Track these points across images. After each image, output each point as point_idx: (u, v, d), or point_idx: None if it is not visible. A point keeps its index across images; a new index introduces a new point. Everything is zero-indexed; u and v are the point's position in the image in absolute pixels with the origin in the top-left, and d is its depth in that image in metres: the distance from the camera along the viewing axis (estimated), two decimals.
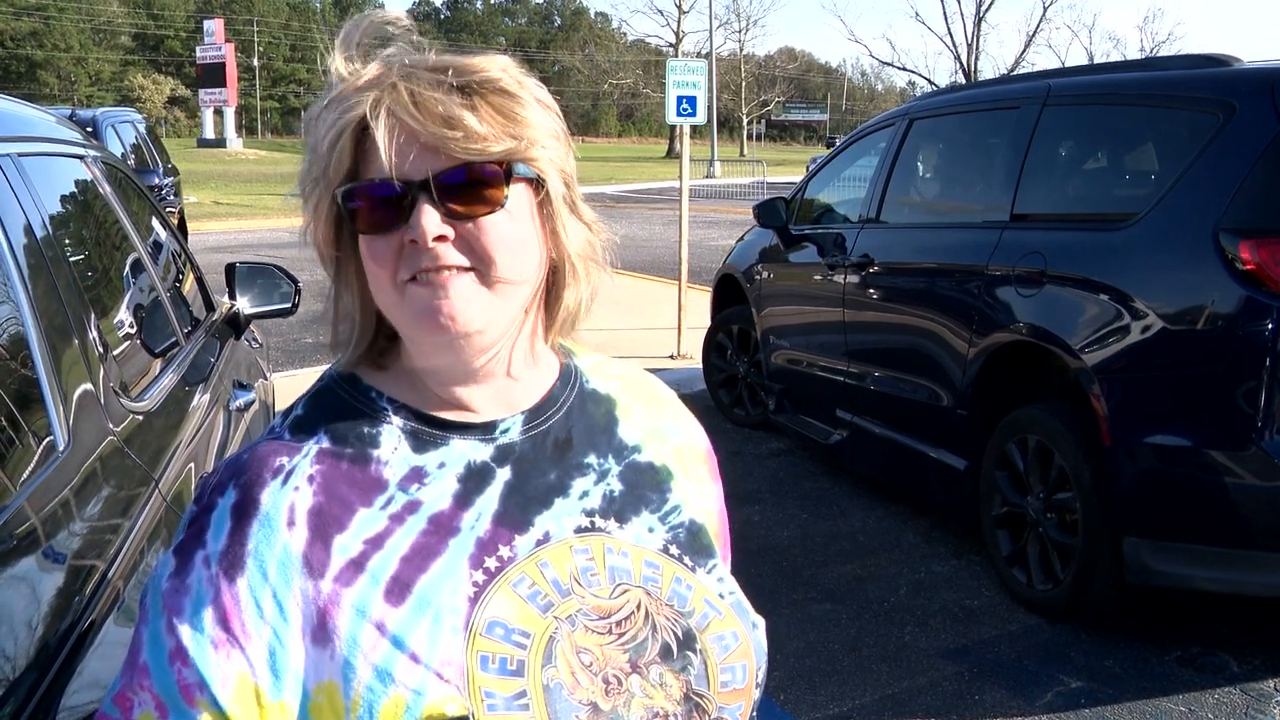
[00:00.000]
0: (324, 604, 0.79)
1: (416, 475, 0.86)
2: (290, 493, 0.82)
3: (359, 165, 0.81)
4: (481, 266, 0.82)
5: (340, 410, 0.87)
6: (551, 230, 0.86)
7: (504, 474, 0.88)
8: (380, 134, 0.79)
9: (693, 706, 0.87)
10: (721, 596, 0.94)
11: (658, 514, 0.95)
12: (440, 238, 0.80)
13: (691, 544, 0.95)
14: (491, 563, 0.84)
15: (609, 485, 0.93)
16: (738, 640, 0.92)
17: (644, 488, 0.95)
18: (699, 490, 1.00)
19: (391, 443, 0.86)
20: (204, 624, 0.78)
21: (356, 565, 0.81)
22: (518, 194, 0.83)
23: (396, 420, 0.87)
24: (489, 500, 0.87)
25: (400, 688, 0.78)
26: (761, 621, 0.96)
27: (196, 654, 0.77)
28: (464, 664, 0.79)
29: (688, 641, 0.88)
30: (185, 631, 0.78)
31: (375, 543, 0.82)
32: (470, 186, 0.80)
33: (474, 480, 0.87)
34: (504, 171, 0.81)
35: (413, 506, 0.84)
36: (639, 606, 0.88)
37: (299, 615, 0.79)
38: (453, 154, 0.80)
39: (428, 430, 0.87)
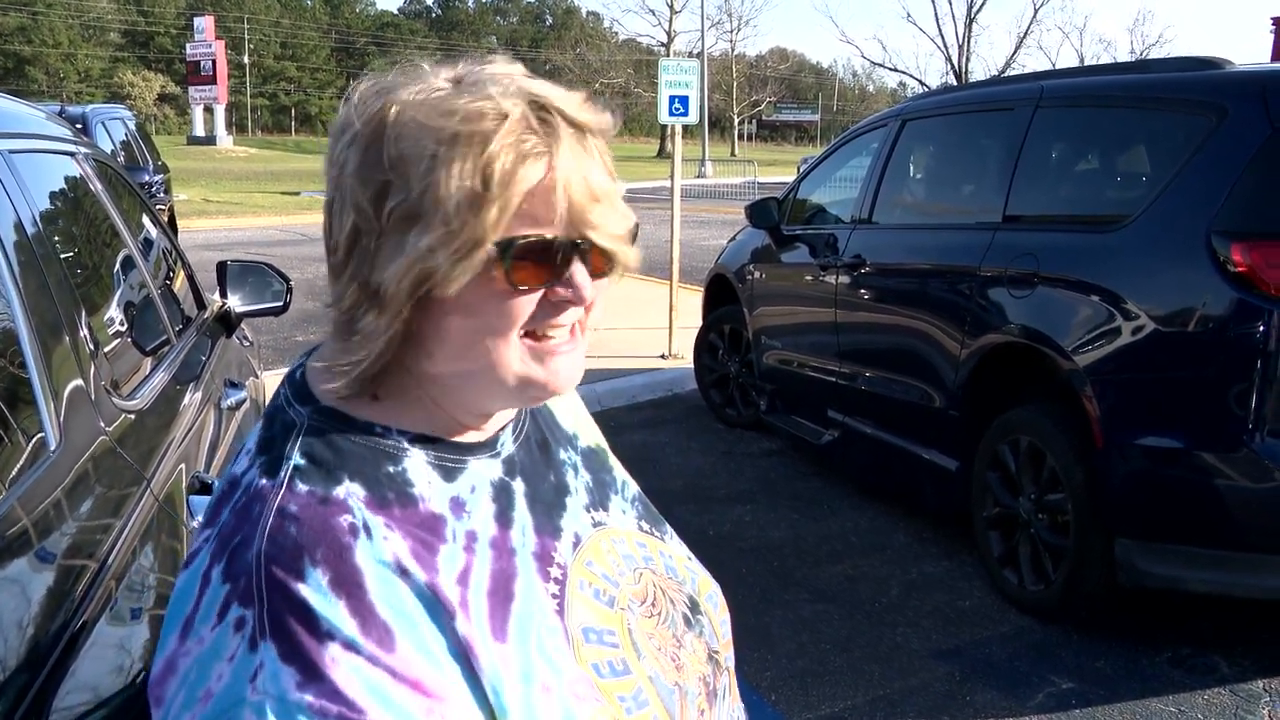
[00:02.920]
0: (465, 643, 0.75)
1: (458, 505, 0.81)
2: (382, 543, 0.74)
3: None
4: (583, 320, 0.82)
5: (349, 452, 0.79)
6: None
7: (519, 486, 0.87)
8: (560, 189, 0.75)
9: (714, 664, 0.92)
10: (690, 559, 0.99)
11: (619, 494, 0.98)
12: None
13: (649, 515, 1.00)
14: (555, 572, 0.84)
15: (583, 477, 0.95)
16: (718, 595, 0.98)
17: (600, 472, 0.98)
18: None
19: (423, 476, 0.80)
20: (399, 703, 0.70)
21: (463, 607, 0.76)
22: None
23: (416, 452, 0.81)
24: (522, 514, 0.85)
25: None
26: None
27: None
28: (585, 675, 0.78)
29: (694, 607, 0.93)
30: None
31: (463, 582, 0.77)
32: (613, 253, 0.80)
33: (503, 499, 0.85)
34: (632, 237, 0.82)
35: (472, 536, 0.80)
36: (654, 586, 0.91)
37: (457, 651, 0.74)
38: (596, 221, 0.78)
39: (449, 457, 0.83)
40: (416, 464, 0.80)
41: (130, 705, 1.22)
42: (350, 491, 0.76)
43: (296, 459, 0.77)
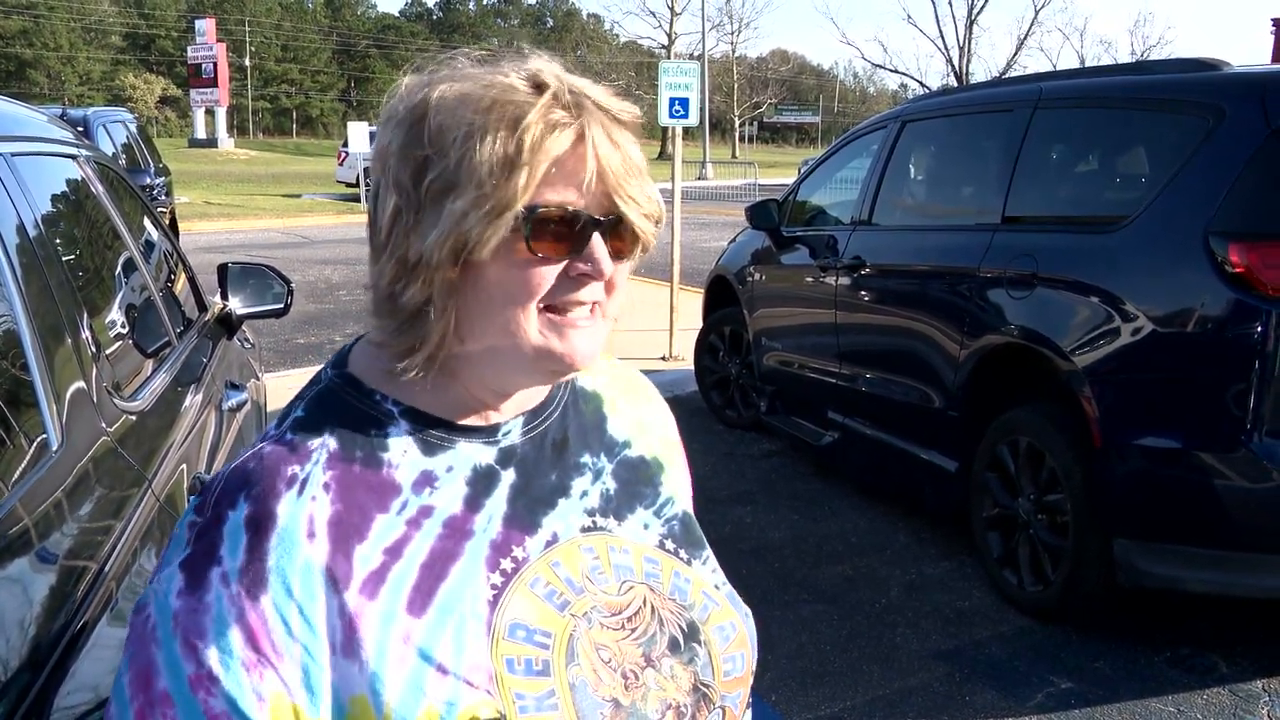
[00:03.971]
0: (350, 617, 0.78)
1: (427, 479, 0.85)
2: (308, 503, 0.80)
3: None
4: (603, 302, 0.85)
5: (345, 413, 0.86)
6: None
7: (509, 476, 0.89)
8: (590, 161, 0.79)
9: (700, 697, 0.90)
10: (717, 588, 0.97)
11: (652, 509, 0.97)
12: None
13: (685, 536, 0.99)
14: (507, 564, 0.85)
15: (604, 484, 0.95)
16: (735, 630, 0.95)
17: (637, 483, 0.98)
18: (684, 480, 1.05)
19: (400, 446, 0.85)
20: (231, 646, 0.76)
21: (378, 576, 0.80)
22: None
23: (404, 424, 0.86)
24: (497, 503, 0.87)
25: (432, 701, 0.77)
26: (749, 611, 1.00)
27: (226, 678, 0.75)
28: (491, 668, 0.80)
29: (692, 634, 0.91)
30: (211, 655, 0.76)
31: (394, 551, 0.82)
32: (639, 229, 0.83)
33: (481, 483, 0.87)
34: (658, 219, 0.85)
35: (426, 511, 0.84)
36: (645, 602, 0.90)
37: (326, 629, 0.78)
38: (631, 195, 0.82)
39: (435, 434, 0.87)
40: (399, 434, 0.86)
41: None
42: (323, 444, 0.84)
43: (300, 411, 0.87)
